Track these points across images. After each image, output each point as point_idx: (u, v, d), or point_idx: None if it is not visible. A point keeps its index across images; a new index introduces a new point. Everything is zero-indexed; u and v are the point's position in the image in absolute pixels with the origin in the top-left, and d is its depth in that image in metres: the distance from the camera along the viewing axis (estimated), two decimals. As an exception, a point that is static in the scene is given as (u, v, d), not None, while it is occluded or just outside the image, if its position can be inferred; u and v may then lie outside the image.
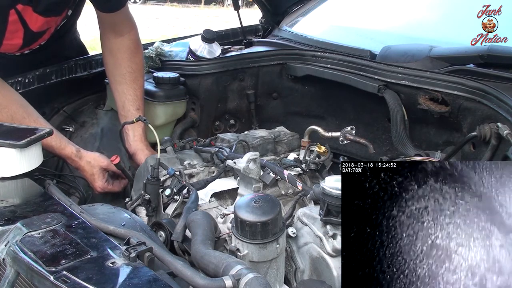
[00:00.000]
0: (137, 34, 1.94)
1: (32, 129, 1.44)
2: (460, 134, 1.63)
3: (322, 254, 1.25)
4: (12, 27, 1.68)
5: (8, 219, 1.22)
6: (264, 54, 2.14)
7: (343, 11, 2.48)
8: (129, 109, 1.86)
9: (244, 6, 8.32)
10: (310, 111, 2.10)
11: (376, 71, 1.78)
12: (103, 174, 1.77)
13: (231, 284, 0.99)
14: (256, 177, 1.55)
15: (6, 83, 1.73)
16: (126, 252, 1.06)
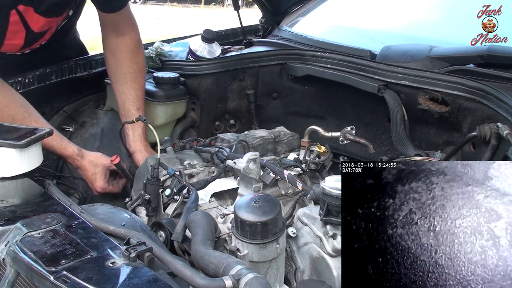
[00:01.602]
0: (138, 34, 1.94)
1: (32, 129, 1.44)
2: (460, 134, 1.63)
3: (322, 254, 1.25)
4: (14, 28, 1.68)
5: (8, 219, 1.22)
6: (264, 54, 2.14)
7: (343, 11, 2.48)
8: (130, 109, 1.86)
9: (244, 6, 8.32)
10: (310, 111, 2.10)
11: (376, 71, 1.78)
12: (105, 174, 1.77)
13: (231, 284, 0.99)
14: (256, 177, 1.55)
15: (6, 83, 1.73)
16: (126, 252, 1.06)
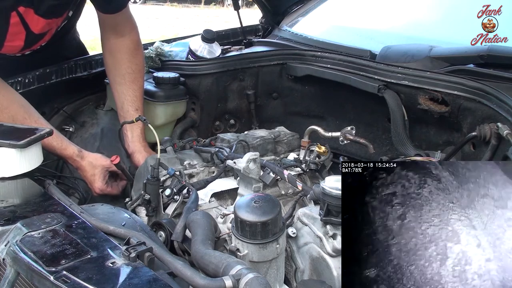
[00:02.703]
0: (138, 35, 1.93)
1: (32, 129, 1.44)
2: (460, 134, 1.63)
3: (322, 254, 1.25)
4: (14, 29, 1.68)
5: (8, 219, 1.22)
6: (264, 54, 2.14)
7: (343, 11, 2.48)
8: (128, 110, 1.86)
9: (244, 6, 8.33)
10: (310, 111, 2.10)
11: (376, 71, 1.78)
12: (104, 175, 1.77)
13: (231, 284, 0.99)
14: (256, 177, 1.55)
15: (6, 84, 1.73)
16: (126, 252, 1.06)
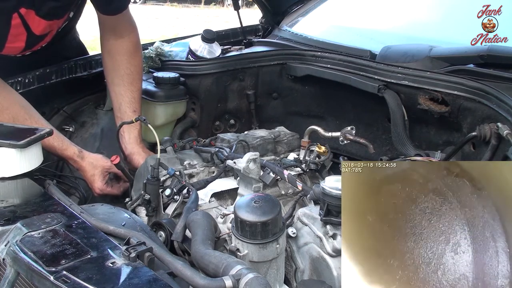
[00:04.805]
0: (137, 36, 1.93)
1: (32, 129, 1.44)
2: (460, 134, 1.63)
3: (322, 254, 1.25)
4: (15, 31, 1.68)
5: (8, 219, 1.22)
6: (264, 54, 2.15)
7: (343, 11, 2.48)
8: (126, 111, 1.86)
9: (244, 6, 8.32)
10: (310, 111, 2.10)
11: (376, 71, 1.78)
12: (103, 176, 1.77)
13: (231, 284, 0.99)
14: (256, 177, 1.55)
15: (7, 85, 1.73)
16: (126, 252, 1.06)
